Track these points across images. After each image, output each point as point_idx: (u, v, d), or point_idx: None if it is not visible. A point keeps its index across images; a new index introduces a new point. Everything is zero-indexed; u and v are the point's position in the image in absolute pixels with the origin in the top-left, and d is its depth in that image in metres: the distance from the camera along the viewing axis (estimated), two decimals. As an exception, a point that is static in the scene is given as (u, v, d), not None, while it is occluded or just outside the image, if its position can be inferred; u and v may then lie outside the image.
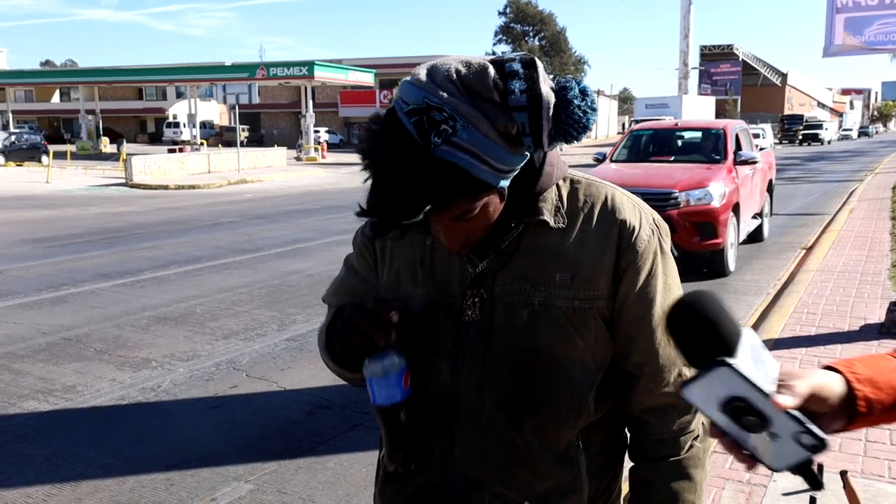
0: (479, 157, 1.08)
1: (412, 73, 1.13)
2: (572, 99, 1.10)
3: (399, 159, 1.06)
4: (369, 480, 3.84)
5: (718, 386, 0.86)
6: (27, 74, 52.56)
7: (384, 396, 1.21)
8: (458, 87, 1.07)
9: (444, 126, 1.05)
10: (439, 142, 1.05)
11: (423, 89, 1.07)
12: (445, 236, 1.19)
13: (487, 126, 1.07)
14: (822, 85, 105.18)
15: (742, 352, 0.88)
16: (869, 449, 3.88)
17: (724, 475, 3.60)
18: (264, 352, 6.14)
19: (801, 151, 49.13)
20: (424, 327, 1.29)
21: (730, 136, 9.79)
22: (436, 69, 1.09)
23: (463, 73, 1.08)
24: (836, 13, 23.93)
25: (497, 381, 1.25)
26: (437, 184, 1.06)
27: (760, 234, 11.27)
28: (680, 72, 35.86)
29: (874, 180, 22.71)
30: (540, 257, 1.23)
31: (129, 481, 3.90)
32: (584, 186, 1.29)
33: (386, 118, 1.11)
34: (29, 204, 18.32)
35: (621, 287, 1.24)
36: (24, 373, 5.65)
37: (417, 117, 1.06)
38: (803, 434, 0.85)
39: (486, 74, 1.08)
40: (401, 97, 1.10)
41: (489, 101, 1.07)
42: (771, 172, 12.20)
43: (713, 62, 74.77)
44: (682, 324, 0.92)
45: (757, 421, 0.86)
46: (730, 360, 0.86)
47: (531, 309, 1.22)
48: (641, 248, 1.24)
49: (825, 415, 0.92)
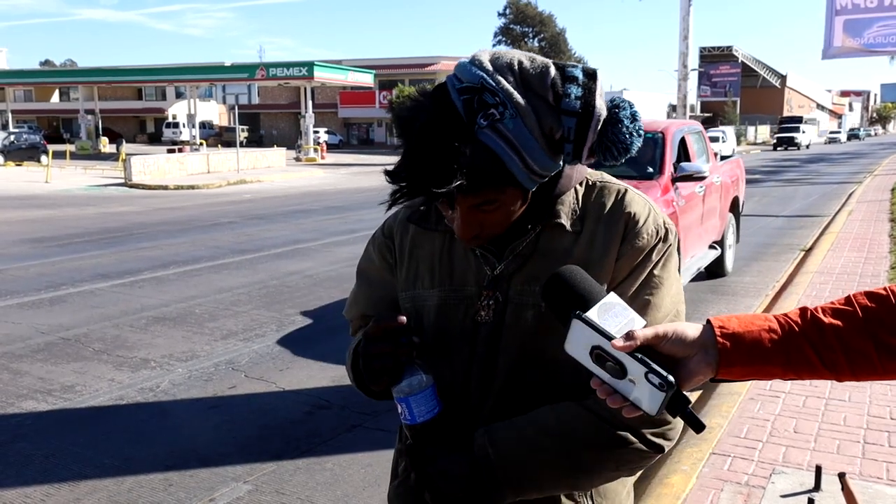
0: (518, 150, 1.09)
1: (473, 55, 1.13)
2: (622, 118, 1.11)
3: (440, 131, 1.07)
4: (368, 481, 3.85)
5: (580, 337, 1.01)
6: (27, 74, 52.57)
7: (423, 412, 1.20)
8: (517, 78, 1.08)
9: (492, 110, 1.06)
10: (484, 124, 1.06)
11: (483, 71, 1.08)
12: (461, 224, 1.18)
13: (534, 122, 1.08)
14: (821, 87, 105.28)
15: (596, 308, 1.02)
16: (867, 451, 3.88)
17: (723, 477, 3.60)
18: (263, 352, 6.14)
19: (801, 154, 49.16)
20: (439, 328, 1.29)
21: (670, 143, 7.21)
22: (499, 57, 1.11)
23: (525, 66, 1.10)
24: (836, 15, 23.96)
25: (505, 382, 1.25)
26: (470, 165, 1.07)
27: (722, 268, 8.76)
28: (679, 73, 35.85)
29: (873, 182, 22.73)
30: (554, 260, 1.23)
31: (127, 481, 3.89)
32: (600, 188, 1.29)
33: (434, 91, 1.12)
34: (28, 204, 18.31)
35: (616, 278, 1.22)
36: (23, 373, 5.65)
37: (469, 96, 1.07)
38: (650, 374, 0.96)
39: (546, 73, 1.09)
40: (455, 75, 1.11)
41: (542, 99, 1.08)
42: (737, 188, 9.41)
43: (712, 63, 74.84)
44: (549, 290, 1.08)
45: (614, 366, 0.99)
46: (581, 312, 1.01)
47: (537, 310, 1.22)
48: (642, 241, 1.23)
49: (689, 359, 1.02)
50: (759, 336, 1.02)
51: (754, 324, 1.04)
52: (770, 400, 4.60)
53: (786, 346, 1.02)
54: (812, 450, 3.90)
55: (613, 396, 1.01)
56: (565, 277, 1.07)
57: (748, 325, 1.04)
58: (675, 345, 1.02)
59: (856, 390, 4.67)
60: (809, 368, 1.03)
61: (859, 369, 1.02)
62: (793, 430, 4.15)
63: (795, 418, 4.32)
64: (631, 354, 0.98)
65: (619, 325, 1.02)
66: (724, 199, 8.61)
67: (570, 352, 1.03)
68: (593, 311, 1.02)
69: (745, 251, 10.46)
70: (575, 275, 1.07)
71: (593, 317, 1.01)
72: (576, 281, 1.06)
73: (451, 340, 1.28)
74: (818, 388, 4.76)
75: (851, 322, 1.02)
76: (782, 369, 1.03)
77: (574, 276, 1.07)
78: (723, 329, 1.03)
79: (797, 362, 1.02)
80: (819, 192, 20.82)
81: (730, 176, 9.15)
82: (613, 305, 1.04)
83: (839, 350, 1.01)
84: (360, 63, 52.46)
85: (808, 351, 1.02)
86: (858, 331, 1.01)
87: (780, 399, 4.61)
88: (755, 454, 3.85)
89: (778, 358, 1.02)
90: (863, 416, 4.34)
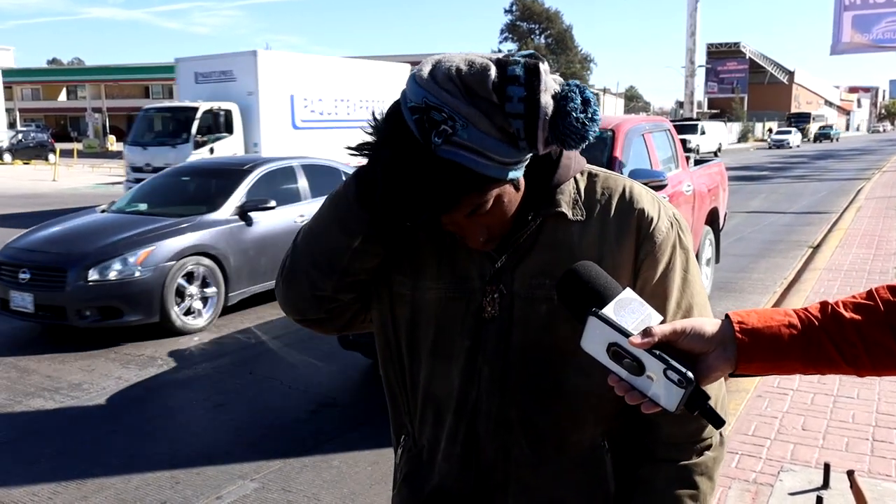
0: (482, 153, 1.07)
1: (418, 67, 1.12)
2: (571, 111, 1.09)
3: (403, 161, 1.06)
4: (374, 479, 3.85)
5: (597, 334, 1.00)
6: (34, 73, 52.83)
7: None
8: (459, 86, 1.06)
9: (443, 126, 1.04)
10: (440, 142, 1.04)
11: (424, 88, 1.06)
12: (465, 234, 1.18)
13: (488, 124, 1.06)
14: (829, 83, 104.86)
15: (612, 304, 1.01)
16: (876, 448, 3.86)
17: (731, 474, 3.59)
18: (269, 350, 6.15)
19: (808, 149, 48.97)
20: (439, 323, 1.27)
21: (620, 144, 5.98)
22: (438, 67, 1.08)
23: (464, 73, 1.06)
24: (844, 10, 23.87)
25: (516, 379, 1.24)
26: (441, 184, 1.06)
27: None
28: (686, 70, 35.76)
29: (882, 178, 22.63)
30: (560, 251, 1.21)
31: (134, 479, 3.90)
32: (602, 179, 1.27)
33: (389, 115, 1.10)
34: (36, 202, 18.37)
35: (638, 280, 1.21)
36: (31, 370, 5.67)
37: (418, 116, 1.05)
38: (668, 370, 0.96)
39: (486, 76, 1.06)
40: (405, 92, 1.10)
41: (487, 101, 1.06)
42: (715, 198, 7.94)
43: (720, 60, 74.60)
44: (564, 287, 1.07)
45: (632, 363, 0.98)
46: (597, 309, 1.00)
47: (550, 304, 1.20)
48: (660, 238, 1.22)
49: (707, 355, 1.01)
50: (778, 331, 1.01)
51: (774, 319, 1.03)
52: (778, 397, 4.58)
53: (805, 341, 1.01)
54: (820, 447, 3.89)
55: (631, 393, 1.00)
56: (580, 273, 1.05)
57: (768, 320, 1.03)
58: (693, 340, 1.01)
59: (864, 387, 4.65)
60: (829, 363, 1.02)
61: (880, 363, 1.00)
62: (801, 428, 4.13)
63: (804, 416, 4.30)
64: (648, 351, 0.98)
65: (635, 321, 1.01)
66: (697, 210, 7.24)
67: (587, 349, 1.02)
68: (609, 307, 1.01)
69: (752, 248, 10.43)
70: (590, 271, 1.06)
71: (610, 313, 1.00)
72: (591, 277, 1.05)
73: (454, 336, 1.26)
74: (826, 385, 4.73)
75: (873, 316, 1.00)
76: (802, 364, 1.02)
77: (590, 271, 1.06)
78: (742, 324, 1.02)
79: (817, 357, 1.01)
80: (827, 188, 20.74)
81: (706, 184, 7.70)
82: (630, 301, 1.03)
83: (860, 345, 1.00)
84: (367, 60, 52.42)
85: (827, 346, 1.01)
86: (880, 325, 1.00)
87: (789, 396, 4.59)
88: (763, 452, 3.84)
89: (797, 353, 1.01)
90: (871, 413, 4.31)
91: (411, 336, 1.30)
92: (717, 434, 1.26)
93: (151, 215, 7.29)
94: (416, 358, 1.31)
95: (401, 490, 1.39)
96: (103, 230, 6.91)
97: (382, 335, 1.35)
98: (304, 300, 1.30)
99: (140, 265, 6.33)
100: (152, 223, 6.88)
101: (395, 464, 1.43)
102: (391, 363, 1.36)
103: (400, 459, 1.41)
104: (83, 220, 7.54)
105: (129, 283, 6.28)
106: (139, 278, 6.31)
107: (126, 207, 7.82)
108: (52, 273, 6.29)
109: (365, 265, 1.25)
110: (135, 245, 6.44)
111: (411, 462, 1.37)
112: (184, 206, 7.54)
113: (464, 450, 1.27)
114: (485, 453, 1.26)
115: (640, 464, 1.28)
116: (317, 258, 1.26)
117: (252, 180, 7.64)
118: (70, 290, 6.18)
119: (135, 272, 6.30)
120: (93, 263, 6.24)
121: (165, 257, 6.49)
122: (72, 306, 6.20)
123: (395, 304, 1.32)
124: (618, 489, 1.28)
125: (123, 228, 6.82)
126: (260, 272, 7.40)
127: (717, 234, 8.05)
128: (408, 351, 1.32)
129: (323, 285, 1.26)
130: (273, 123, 16.25)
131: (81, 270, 6.21)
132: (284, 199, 7.78)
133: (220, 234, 7.04)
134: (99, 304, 6.25)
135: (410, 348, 1.31)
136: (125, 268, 6.28)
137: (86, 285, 6.18)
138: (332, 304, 1.29)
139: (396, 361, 1.35)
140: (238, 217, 7.28)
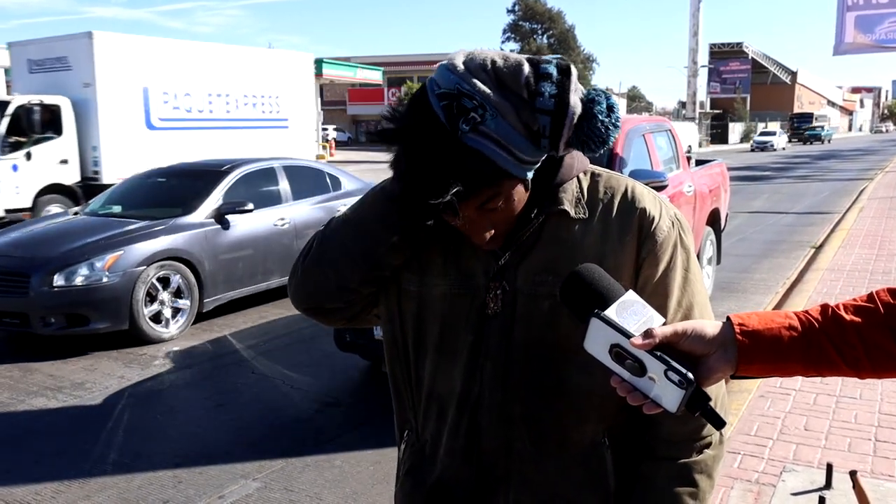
0: (505, 146, 1.10)
1: (448, 57, 1.14)
2: (597, 113, 1.12)
3: (426, 144, 1.08)
4: (376, 478, 3.85)
5: (600, 336, 1.01)
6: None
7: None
8: (492, 78, 1.09)
9: (472, 114, 1.07)
10: (467, 129, 1.07)
11: (458, 76, 1.09)
12: (471, 228, 1.19)
13: (515, 118, 1.09)
14: (832, 83, 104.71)
15: (614, 306, 1.02)
16: (878, 448, 3.85)
17: (733, 475, 3.58)
18: (272, 349, 6.15)
19: (812, 150, 48.92)
20: (444, 319, 1.29)
21: (621, 144, 6.01)
22: (473, 58, 1.11)
23: (498, 65, 1.10)
24: (847, 11, 23.85)
25: (518, 375, 1.25)
26: (462, 170, 1.08)
27: None
28: (689, 70, 35.77)
29: (884, 179, 22.60)
30: (562, 249, 1.23)
31: (136, 478, 3.91)
32: (604, 178, 1.29)
33: (414, 100, 1.13)
34: (38, 201, 18.38)
35: (639, 278, 1.23)
36: (33, 370, 5.67)
37: (447, 102, 1.08)
38: (669, 371, 0.97)
39: (520, 71, 1.10)
40: (434, 80, 1.12)
41: (518, 96, 1.09)
42: (716, 199, 7.93)
43: (722, 60, 74.49)
44: (567, 288, 1.08)
45: (634, 364, 0.99)
46: (600, 311, 1.01)
47: (553, 301, 1.21)
48: (661, 237, 1.23)
49: (708, 356, 1.02)
50: (778, 333, 1.02)
51: (774, 321, 1.03)
52: (780, 397, 4.57)
53: (806, 343, 1.01)
54: (823, 448, 3.88)
55: (633, 394, 1.01)
56: (584, 276, 1.07)
57: (768, 322, 1.03)
58: (694, 342, 1.02)
59: (867, 388, 4.64)
60: (830, 365, 1.02)
61: (880, 366, 1.01)
62: (803, 428, 4.13)
63: (806, 416, 4.30)
64: (650, 352, 0.99)
65: (637, 322, 1.02)
66: (698, 211, 7.25)
67: (590, 350, 1.03)
68: (612, 309, 1.02)
69: (755, 248, 10.42)
70: (593, 272, 1.07)
71: (612, 315, 1.02)
72: (594, 279, 1.06)
73: (458, 332, 1.28)
74: (829, 385, 4.73)
75: (873, 318, 1.01)
76: (802, 366, 1.03)
77: (593, 274, 1.07)
78: (742, 326, 1.03)
79: (817, 359, 1.02)
80: (829, 188, 20.72)
81: (707, 185, 7.75)
82: (632, 303, 1.04)
83: (860, 347, 1.00)
84: (369, 60, 52.37)
85: (828, 348, 1.01)
86: (880, 327, 1.00)
87: (791, 397, 4.58)
88: (765, 452, 3.83)
89: (798, 355, 1.02)
90: (874, 413, 4.31)
91: (417, 331, 1.32)
92: (717, 432, 1.26)
93: (125, 218, 7.04)
94: (422, 353, 1.32)
95: (403, 483, 1.41)
96: (72, 233, 6.65)
97: (389, 330, 1.37)
98: (324, 290, 1.32)
99: (108, 270, 6.07)
100: (124, 226, 6.63)
101: (399, 458, 1.44)
102: (398, 359, 1.38)
103: (403, 454, 1.42)
104: (52, 222, 7.35)
105: (96, 289, 6.03)
106: (107, 284, 6.06)
107: (100, 209, 7.60)
108: (14, 278, 6.04)
109: (393, 261, 1.28)
110: (103, 249, 6.19)
111: (414, 456, 1.38)
112: (159, 208, 7.23)
113: (466, 444, 1.28)
114: (486, 448, 1.27)
115: (640, 461, 1.29)
116: (350, 249, 1.28)
117: (229, 182, 7.38)
118: (34, 296, 5.93)
119: (102, 277, 6.05)
120: (58, 268, 5.98)
121: (135, 262, 6.23)
122: (35, 313, 5.95)
123: (402, 300, 1.33)
124: (618, 486, 1.28)
125: (93, 231, 6.56)
126: (237, 278, 7.17)
127: (718, 234, 8.06)
128: (414, 346, 1.33)
129: (351, 276, 1.29)
130: (118, 122, 13.34)
131: (46, 275, 5.94)
132: (264, 201, 7.56)
133: (195, 237, 6.76)
134: (64, 311, 5.98)
135: (416, 344, 1.33)
136: (92, 273, 6.03)
137: (50, 291, 5.92)
138: (351, 296, 1.32)
139: (403, 357, 1.36)
140: (214, 220, 7.00)
